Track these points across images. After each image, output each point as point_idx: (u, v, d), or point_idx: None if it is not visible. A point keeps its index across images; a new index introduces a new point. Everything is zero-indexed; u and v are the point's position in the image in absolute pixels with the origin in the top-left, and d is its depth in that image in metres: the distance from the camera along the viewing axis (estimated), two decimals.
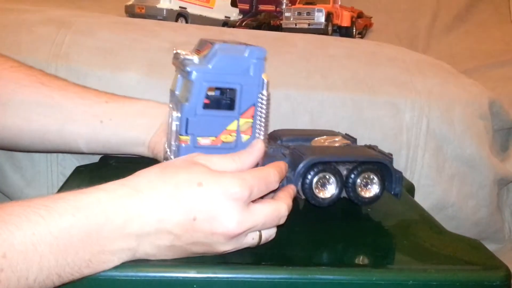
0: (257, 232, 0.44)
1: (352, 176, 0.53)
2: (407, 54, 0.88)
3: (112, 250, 0.40)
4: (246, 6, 1.43)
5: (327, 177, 0.52)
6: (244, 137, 0.48)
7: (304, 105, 0.72)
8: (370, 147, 0.58)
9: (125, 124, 0.60)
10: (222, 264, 0.43)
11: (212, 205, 0.41)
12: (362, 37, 1.36)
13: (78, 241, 0.38)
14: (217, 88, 0.47)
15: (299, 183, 0.52)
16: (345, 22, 1.15)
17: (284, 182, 0.51)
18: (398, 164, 0.72)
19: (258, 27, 1.22)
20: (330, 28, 1.03)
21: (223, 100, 0.49)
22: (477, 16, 1.51)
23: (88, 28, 0.76)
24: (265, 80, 0.47)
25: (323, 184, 0.53)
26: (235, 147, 0.48)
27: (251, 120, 0.48)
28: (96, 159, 0.68)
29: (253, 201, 0.44)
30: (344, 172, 0.53)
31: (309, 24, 0.98)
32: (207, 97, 0.47)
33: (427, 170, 0.72)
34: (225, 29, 0.93)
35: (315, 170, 0.52)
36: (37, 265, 0.37)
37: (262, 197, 0.45)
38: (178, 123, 0.47)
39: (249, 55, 0.46)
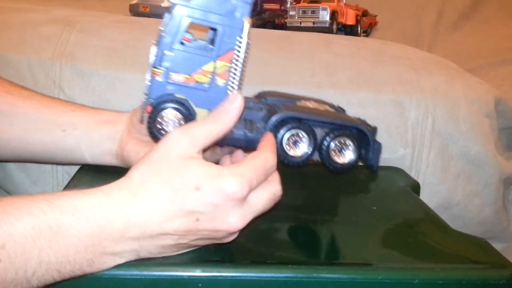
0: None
1: (328, 139, 0.52)
2: (412, 52, 0.88)
3: (114, 251, 0.40)
4: None
5: (300, 135, 0.52)
6: (219, 81, 0.48)
7: None
8: (358, 119, 0.57)
9: (89, 134, 0.59)
10: (227, 263, 0.43)
11: (212, 207, 0.41)
12: (367, 36, 1.35)
13: (78, 241, 0.38)
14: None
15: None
16: (350, 21, 1.14)
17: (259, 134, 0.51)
18: (404, 163, 0.72)
19: (263, 25, 1.22)
20: (335, 26, 1.02)
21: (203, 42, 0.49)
22: (483, 14, 1.50)
23: (92, 27, 0.76)
24: (247, 24, 0.46)
25: (295, 142, 0.52)
26: (209, 89, 0.48)
27: (228, 65, 0.47)
28: None
29: None
30: (322, 135, 0.52)
31: (313, 23, 0.98)
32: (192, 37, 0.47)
33: (432, 169, 0.72)
34: None
35: (288, 126, 0.51)
36: (36, 259, 0.37)
37: None
38: (154, 56, 0.47)
39: None
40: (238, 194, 0.41)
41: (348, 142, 0.52)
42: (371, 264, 0.46)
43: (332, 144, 0.52)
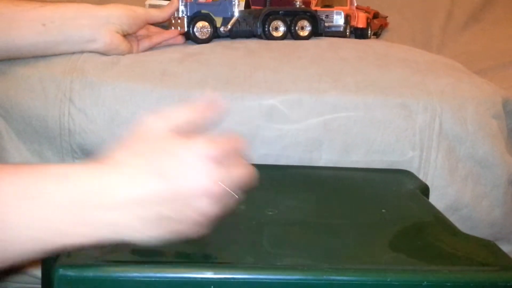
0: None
1: (294, 23, 0.87)
2: (419, 55, 0.88)
3: (90, 221, 0.41)
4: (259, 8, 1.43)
5: (278, 23, 0.87)
6: None
7: (316, 109, 0.73)
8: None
9: (68, 26, 0.70)
10: (239, 265, 0.44)
11: (187, 167, 0.42)
12: (377, 37, 1.35)
13: (59, 199, 0.40)
14: None
15: (260, 29, 0.86)
16: (361, 24, 1.14)
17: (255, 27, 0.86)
18: (412, 165, 0.72)
19: None
20: (348, 30, 1.02)
21: None
22: (492, 15, 1.50)
23: None
24: None
25: (276, 28, 0.87)
26: (220, 4, 0.82)
27: None
28: None
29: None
30: (290, 20, 0.87)
31: (328, 27, 0.97)
32: None
33: (441, 171, 0.72)
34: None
35: (270, 17, 0.86)
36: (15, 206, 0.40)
37: None
38: None
39: None
40: (210, 153, 0.43)
41: (306, 23, 0.88)
42: (380, 266, 0.46)
43: (297, 26, 0.88)
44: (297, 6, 1.06)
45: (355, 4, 1.13)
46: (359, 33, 1.13)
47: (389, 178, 0.68)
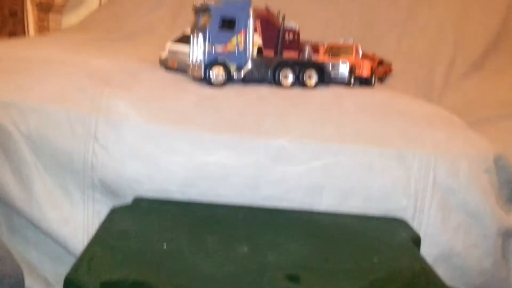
0: None
1: (302, 72, 0.97)
2: (418, 107, 0.94)
3: None
4: (271, 53, 1.49)
5: (287, 72, 0.96)
6: (241, 46, 0.91)
7: (318, 155, 0.78)
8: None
9: None
10: None
11: None
12: (382, 82, 1.41)
13: None
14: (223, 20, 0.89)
15: (271, 76, 0.94)
16: (366, 72, 1.20)
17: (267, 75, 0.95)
18: (406, 214, 0.77)
19: None
20: (352, 80, 1.09)
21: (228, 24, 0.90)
22: (494, 63, 1.54)
23: (125, 83, 0.84)
24: (251, 13, 0.90)
25: (285, 76, 0.96)
26: (235, 52, 0.91)
27: (244, 37, 0.90)
28: (128, 200, 0.75)
29: None
30: (299, 69, 0.97)
31: (333, 77, 1.05)
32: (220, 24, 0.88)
33: (434, 221, 0.77)
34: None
35: (280, 67, 0.95)
36: None
37: None
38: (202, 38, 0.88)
39: (242, 2, 0.90)
40: None
41: (313, 72, 0.98)
42: None
43: (305, 75, 0.97)
44: (307, 51, 1.13)
45: (361, 53, 1.19)
46: (364, 81, 1.19)
47: (384, 227, 0.73)
